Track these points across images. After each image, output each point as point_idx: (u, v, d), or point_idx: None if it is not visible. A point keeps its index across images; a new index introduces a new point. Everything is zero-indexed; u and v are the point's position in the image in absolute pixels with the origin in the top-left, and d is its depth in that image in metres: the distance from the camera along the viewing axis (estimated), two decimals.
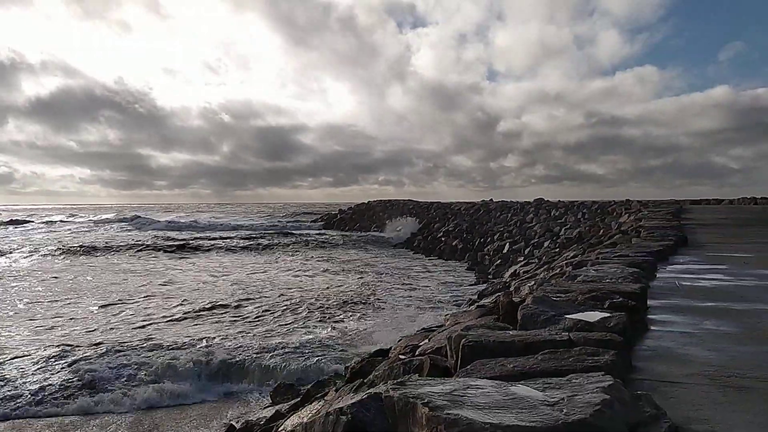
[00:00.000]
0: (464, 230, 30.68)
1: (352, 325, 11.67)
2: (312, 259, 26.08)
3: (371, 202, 49.97)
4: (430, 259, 26.77)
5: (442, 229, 32.61)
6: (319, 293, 15.92)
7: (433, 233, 32.56)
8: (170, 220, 54.34)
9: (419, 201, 44.95)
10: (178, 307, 13.77)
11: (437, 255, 27.71)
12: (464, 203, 40.17)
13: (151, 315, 12.88)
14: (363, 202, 51.92)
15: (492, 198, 40.37)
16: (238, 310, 13.36)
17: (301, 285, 17.72)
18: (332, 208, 65.58)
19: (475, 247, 26.93)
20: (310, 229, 45.29)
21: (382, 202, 47.97)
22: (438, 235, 31.61)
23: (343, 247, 31.17)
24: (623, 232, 13.19)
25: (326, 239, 34.30)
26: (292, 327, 11.63)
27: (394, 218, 39.17)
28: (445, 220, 34.89)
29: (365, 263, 24.20)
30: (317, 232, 41.39)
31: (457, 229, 31.35)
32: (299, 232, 40.96)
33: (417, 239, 32.66)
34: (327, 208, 70.35)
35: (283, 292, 16.10)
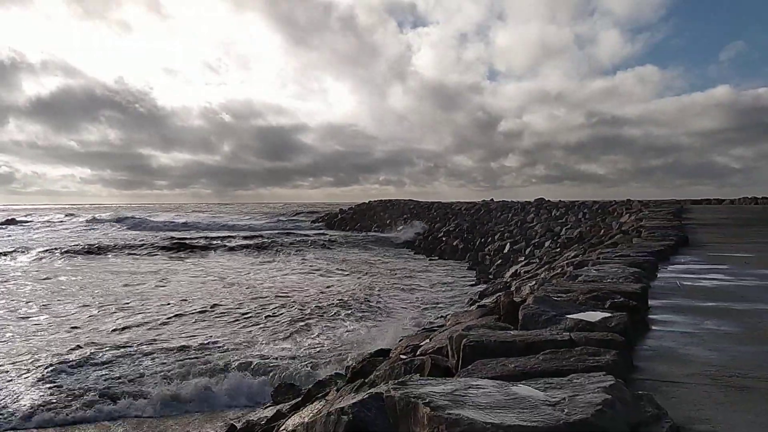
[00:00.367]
0: (465, 230, 30.68)
1: (353, 326, 11.67)
2: (312, 259, 26.07)
3: (372, 202, 49.99)
4: (431, 259, 26.76)
5: (443, 229, 32.61)
6: (320, 293, 15.92)
7: (433, 233, 32.57)
8: (166, 221, 52.79)
9: (420, 201, 44.98)
10: (174, 308, 13.76)
11: (438, 255, 27.70)
12: (465, 203, 40.17)
13: (149, 317, 12.87)
14: (364, 202, 51.95)
15: (493, 198, 40.43)
16: (238, 311, 13.35)
17: (301, 285, 17.72)
18: (333, 208, 65.51)
19: (475, 247, 26.93)
20: (311, 229, 45.28)
21: (383, 202, 47.98)
22: (439, 235, 31.63)
23: (343, 247, 31.15)
24: (624, 232, 13.19)
25: (327, 239, 34.26)
26: (293, 328, 11.62)
27: (401, 221, 39.04)
28: (446, 220, 34.90)
29: (366, 263, 24.20)
30: (318, 232, 41.35)
31: (458, 229, 31.35)
32: (300, 232, 40.92)
33: (418, 239, 32.69)
34: (328, 208, 70.29)
35: (283, 293, 16.11)
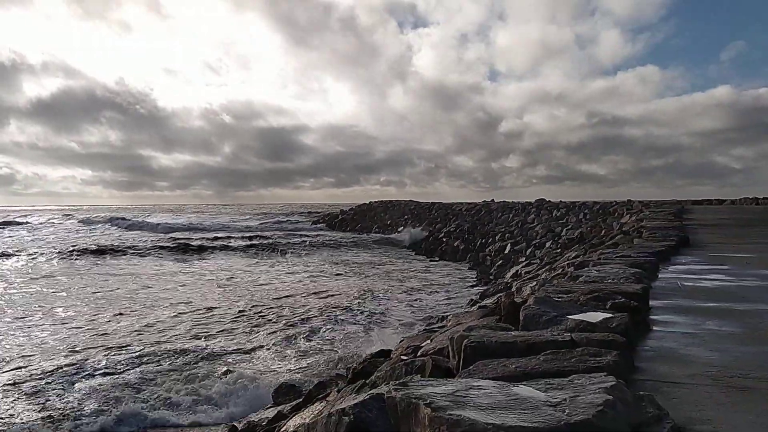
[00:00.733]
0: (466, 231, 30.66)
1: (353, 327, 11.67)
2: (313, 260, 26.08)
3: (373, 202, 50.03)
4: (431, 260, 26.76)
5: (444, 229, 32.61)
6: (320, 295, 15.92)
7: (434, 234, 32.57)
8: (160, 222, 51.67)
9: (420, 202, 44.98)
10: (172, 311, 13.77)
11: (439, 256, 27.69)
12: (465, 204, 40.15)
13: (148, 322, 12.88)
14: (364, 202, 52.00)
15: (493, 198, 40.43)
16: (238, 313, 13.35)
17: (302, 287, 17.72)
18: (334, 208, 65.53)
19: (476, 248, 26.91)
20: (312, 230, 45.30)
21: (384, 202, 48.02)
22: (439, 236, 31.63)
23: (344, 248, 31.14)
24: (625, 232, 13.18)
25: (328, 240, 34.26)
26: (293, 329, 11.62)
27: (402, 222, 39.05)
28: (447, 221, 34.89)
29: (367, 264, 24.19)
30: (319, 233, 41.36)
31: (459, 229, 31.34)
32: (300, 233, 40.91)
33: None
34: (328, 209, 70.32)
35: (283, 295, 16.11)
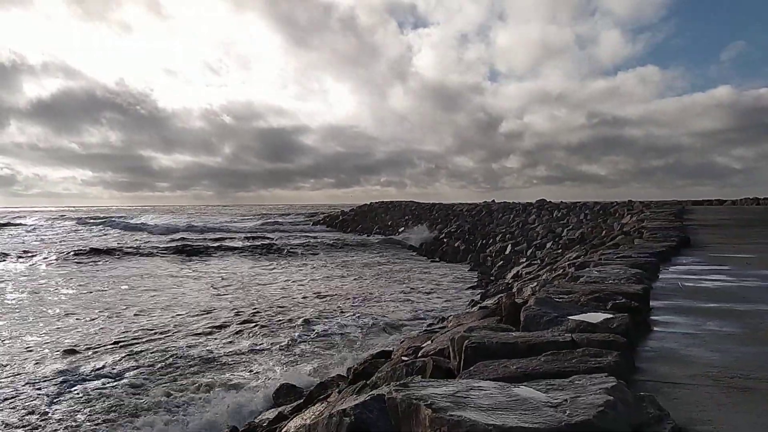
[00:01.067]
0: (466, 231, 30.66)
1: (353, 328, 11.67)
2: (313, 261, 26.08)
3: (373, 203, 50.07)
4: (432, 260, 26.75)
5: (445, 230, 32.61)
6: (320, 296, 15.92)
7: (435, 235, 32.57)
8: (158, 223, 51.12)
9: (421, 202, 44.97)
10: (170, 312, 13.78)
11: (439, 256, 27.68)
12: (466, 204, 40.10)
13: (146, 324, 12.89)
14: (365, 203, 52.05)
15: (494, 199, 40.31)
16: (238, 315, 13.34)
17: (302, 288, 17.72)
18: (334, 209, 65.50)
19: (477, 249, 26.91)
20: (312, 230, 45.34)
21: (384, 203, 48.05)
22: (440, 236, 31.63)
23: (345, 249, 31.14)
24: (625, 233, 13.17)
25: (328, 241, 34.27)
26: (294, 330, 11.62)
27: (402, 222, 38.99)
28: (447, 222, 34.87)
29: (367, 265, 24.19)
30: (319, 233, 41.39)
31: (459, 230, 31.34)
32: (301, 234, 40.95)
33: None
34: (329, 210, 70.30)
35: (283, 296, 16.12)
